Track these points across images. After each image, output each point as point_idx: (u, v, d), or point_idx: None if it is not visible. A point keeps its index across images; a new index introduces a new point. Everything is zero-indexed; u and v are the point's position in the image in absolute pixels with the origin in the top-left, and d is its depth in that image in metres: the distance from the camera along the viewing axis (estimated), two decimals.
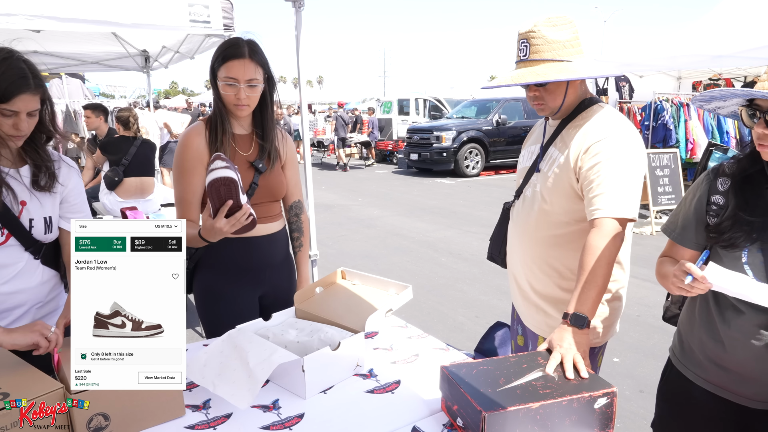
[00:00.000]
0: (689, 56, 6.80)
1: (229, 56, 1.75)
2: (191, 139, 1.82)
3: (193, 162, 1.81)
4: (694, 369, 1.44)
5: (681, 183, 7.51)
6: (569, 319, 1.43)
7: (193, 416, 1.32)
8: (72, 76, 10.45)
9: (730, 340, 1.33)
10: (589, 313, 1.44)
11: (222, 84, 1.76)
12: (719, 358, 1.37)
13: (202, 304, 1.95)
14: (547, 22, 1.59)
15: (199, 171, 1.81)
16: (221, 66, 1.76)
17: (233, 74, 1.75)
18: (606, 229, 1.49)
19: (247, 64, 1.75)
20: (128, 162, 4.48)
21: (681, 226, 1.46)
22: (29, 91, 1.41)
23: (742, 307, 1.30)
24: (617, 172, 1.53)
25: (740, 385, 1.34)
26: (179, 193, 1.84)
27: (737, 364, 1.33)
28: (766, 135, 1.22)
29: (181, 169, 1.82)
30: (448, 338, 2.08)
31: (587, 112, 1.67)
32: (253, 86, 1.78)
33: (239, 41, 1.79)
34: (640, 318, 4.28)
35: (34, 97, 1.43)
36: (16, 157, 1.56)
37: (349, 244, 6.81)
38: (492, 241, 2.07)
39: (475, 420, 1.14)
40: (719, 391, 1.38)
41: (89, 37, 5.28)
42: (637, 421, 2.90)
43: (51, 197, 1.61)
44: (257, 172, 1.88)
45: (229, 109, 1.82)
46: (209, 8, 3.34)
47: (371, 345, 1.73)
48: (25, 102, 1.40)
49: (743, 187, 1.31)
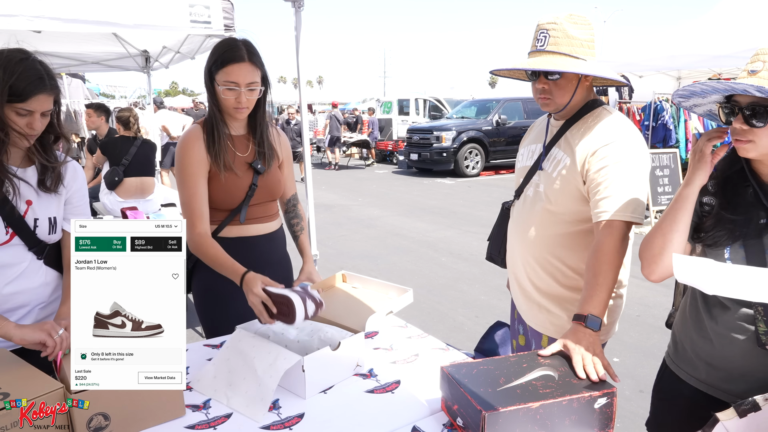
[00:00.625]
0: (689, 56, 6.80)
1: (228, 60, 1.73)
2: (191, 145, 1.81)
3: (196, 167, 1.80)
4: (686, 368, 1.45)
5: (681, 183, 7.51)
6: (585, 322, 1.43)
7: (193, 416, 1.33)
8: (73, 76, 10.47)
9: (717, 337, 1.34)
10: (602, 315, 1.45)
11: (222, 89, 1.75)
12: (709, 356, 1.37)
13: (201, 304, 1.95)
14: (569, 18, 1.60)
15: (202, 175, 1.80)
16: (220, 70, 1.74)
17: (233, 78, 1.73)
18: (614, 232, 1.50)
19: (246, 67, 1.74)
20: (128, 162, 4.48)
21: None
22: (45, 91, 1.43)
23: (727, 303, 1.31)
24: (625, 176, 1.54)
25: (730, 382, 1.35)
26: (185, 199, 1.82)
27: (725, 360, 1.34)
28: (744, 131, 1.22)
29: (184, 175, 1.81)
30: (448, 338, 2.08)
31: (593, 114, 1.68)
32: (252, 89, 1.77)
33: (236, 43, 1.77)
34: (640, 318, 4.28)
35: (49, 98, 1.45)
36: (23, 157, 1.57)
37: (349, 244, 6.81)
38: (491, 241, 2.07)
39: (475, 420, 1.14)
40: (710, 390, 1.38)
41: (90, 37, 5.29)
42: (637, 421, 2.90)
43: (56, 198, 1.62)
44: (256, 173, 1.88)
45: (227, 112, 1.82)
46: (210, 9, 3.34)
47: (371, 345, 1.74)
48: (40, 102, 1.43)
49: (725, 186, 1.33)
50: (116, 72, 7.78)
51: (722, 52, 6.02)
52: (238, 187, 1.85)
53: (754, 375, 1.30)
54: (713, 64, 6.91)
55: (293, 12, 3.42)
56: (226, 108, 1.80)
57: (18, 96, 1.39)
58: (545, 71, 1.61)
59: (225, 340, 1.77)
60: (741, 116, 1.22)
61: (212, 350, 1.71)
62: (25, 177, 1.55)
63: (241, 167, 1.86)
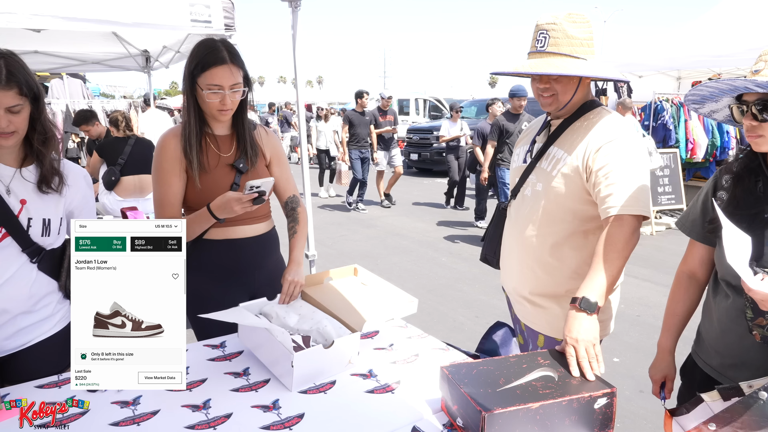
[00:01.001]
0: (688, 56, 6.81)
1: (210, 63, 1.72)
2: (167, 144, 1.81)
3: (171, 163, 1.80)
4: (702, 355, 1.51)
5: (681, 183, 7.51)
6: (578, 303, 1.43)
7: (193, 416, 1.32)
8: (73, 76, 10.45)
9: (721, 325, 1.40)
10: (600, 298, 1.45)
11: (206, 92, 1.74)
12: (716, 343, 1.44)
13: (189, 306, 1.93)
14: (567, 17, 1.61)
15: (178, 172, 1.81)
16: (202, 73, 1.73)
17: (217, 81, 1.73)
18: (624, 225, 1.51)
19: (229, 69, 1.74)
20: (125, 161, 4.50)
21: (690, 220, 1.53)
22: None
23: (729, 292, 1.36)
24: (630, 171, 1.55)
25: (735, 370, 1.39)
26: (160, 195, 1.82)
27: (727, 347, 1.40)
28: (753, 126, 1.26)
29: (160, 171, 1.81)
30: (448, 338, 2.08)
31: (593, 113, 1.68)
32: (236, 90, 1.77)
33: (217, 45, 1.76)
34: (640, 318, 4.28)
35: (8, 93, 1.42)
36: (21, 157, 1.56)
37: (349, 244, 6.80)
38: (486, 242, 2.07)
39: (475, 420, 1.14)
40: (720, 378, 1.43)
41: (90, 37, 5.28)
42: (637, 421, 2.90)
43: (54, 200, 1.60)
44: (239, 172, 1.88)
45: (211, 114, 1.81)
46: (210, 8, 3.33)
47: (371, 345, 1.74)
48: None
49: (738, 182, 1.37)
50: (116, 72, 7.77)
51: (722, 52, 6.03)
52: (220, 187, 1.83)
53: (753, 363, 1.33)
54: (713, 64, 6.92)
55: (290, 11, 3.42)
56: (209, 110, 1.79)
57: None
58: (545, 75, 1.61)
59: (225, 340, 1.78)
60: (749, 113, 1.26)
61: (212, 350, 1.71)
62: (21, 176, 1.54)
63: (223, 167, 1.86)
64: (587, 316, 1.41)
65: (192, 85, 1.77)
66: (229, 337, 1.80)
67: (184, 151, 1.80)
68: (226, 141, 1.90)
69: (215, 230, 1.88)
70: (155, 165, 1.83)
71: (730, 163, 1.44)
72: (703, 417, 1.22)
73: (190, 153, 1.80)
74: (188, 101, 1.80)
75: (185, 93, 1.80)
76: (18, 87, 1.44)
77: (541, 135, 1.79)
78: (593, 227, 1.66)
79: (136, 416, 1.31)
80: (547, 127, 1.79)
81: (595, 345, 1.36)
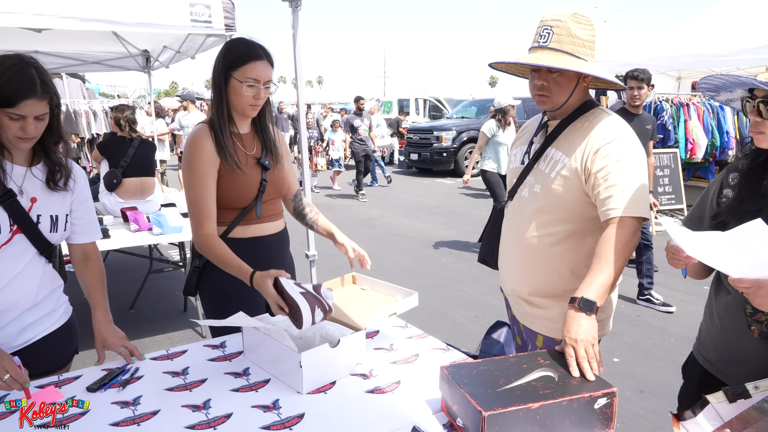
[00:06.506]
0: (689, 56, 6.79)
1: (249, 57, 1.76)
2: (200, 144, 1.79)
3: (208, 165, 1.79)
4: (702, 350, 1.52)
5: (681, 183, 7.51)
6: (577, 303, 1.43)
7: (193, 416, 1.32)
8: (72, 76, 10.45)
9: (722, 322, 1.42)
10: (598, 299, 1.44)
11: (244, 86, 1.76)
12: (715, 339, 1.45)
13: (212, 305, 1.94)
14: (573, 17, 1.61)
15: (212, 174, 1.80)
16: (240, 67, 1.76)
17: (255, 75, 1.76)
18: (625, 227, 1.51)
19: (265, 65, 1.79)
20: (127, 163, 4.46)
21: (697, 217, 1.53)
22: (35, 96, 1.44)
23: (730, 288, 1.36)
24: (630, 173, 1.55)
25: (733, 366, 1.40)
26: (196, 198, 1.79)
27: (726, 343, 1.41)
28: (758, 123, 1.27)
29: (196, 174, 1.79)
30: (448, 338, 2.09)
31: (591, 114, 1.68)
32: (268, 86, 1.82)
33: (252, 42, 1.81)
34: (640, 318, 4.28)
35: (40, 102, 1.46)
36: (31, 156, 1.59)
37: None
38: (484, 243, 2.07)
39: (475, 420, 1.14)
40: (718, 374, 1.44)
41: (90, 37, 5.27)
42: (637, 421, 2.90)
43: (61, 196, 1.63)
44: (264, 169, 1.90)
45: (240, 110, 1.82)
46: (210, 8, 3.34)
47: (371, 345, 1.74)
48: (31, 107, 1.44)
49: (745, 179, 1.38)
50: (117, 72, 7.76)
51: (722, 52, 6.01)
52: (251, 184, 1.87)
53: (751, 360, 1.34)
54: (713, 64, 6.90)
55: (290, 11, 3.42)
56: (241, 106, 1.80)
57: (7, 101, 1.42)
58: (547, 67, 1.61)
59: (225, 340, 1.78)
60: (756, 109, 1.27)
61: (212, 350, 1.71)
62: (33, 174, 1.58)
63: (251, 164, 1.88)
64: (586, 316, 1.41)
65: (225, 81, 1.79)
66: (229, 337, 1.80)
67: (218, 151, 1.80)
68: (249, 139, 1.92)
69: (241, 228, 1.90)
70: (190, 166, 1.80)
71: (737, 160, 1.44)
72: (710, 420, 1.21)
73: (226, 152, 1.80)
74: (219, 98, 1.81)
75: (216, 89, 1.81)
76: (50, 97, 1.49)
77: (539, 136, 1.79)
78: (592, 228, 1.66)
79: (136, 416, 1.32)
80: (544, 128, 1.79)
81: (594, 345, 1.36)
